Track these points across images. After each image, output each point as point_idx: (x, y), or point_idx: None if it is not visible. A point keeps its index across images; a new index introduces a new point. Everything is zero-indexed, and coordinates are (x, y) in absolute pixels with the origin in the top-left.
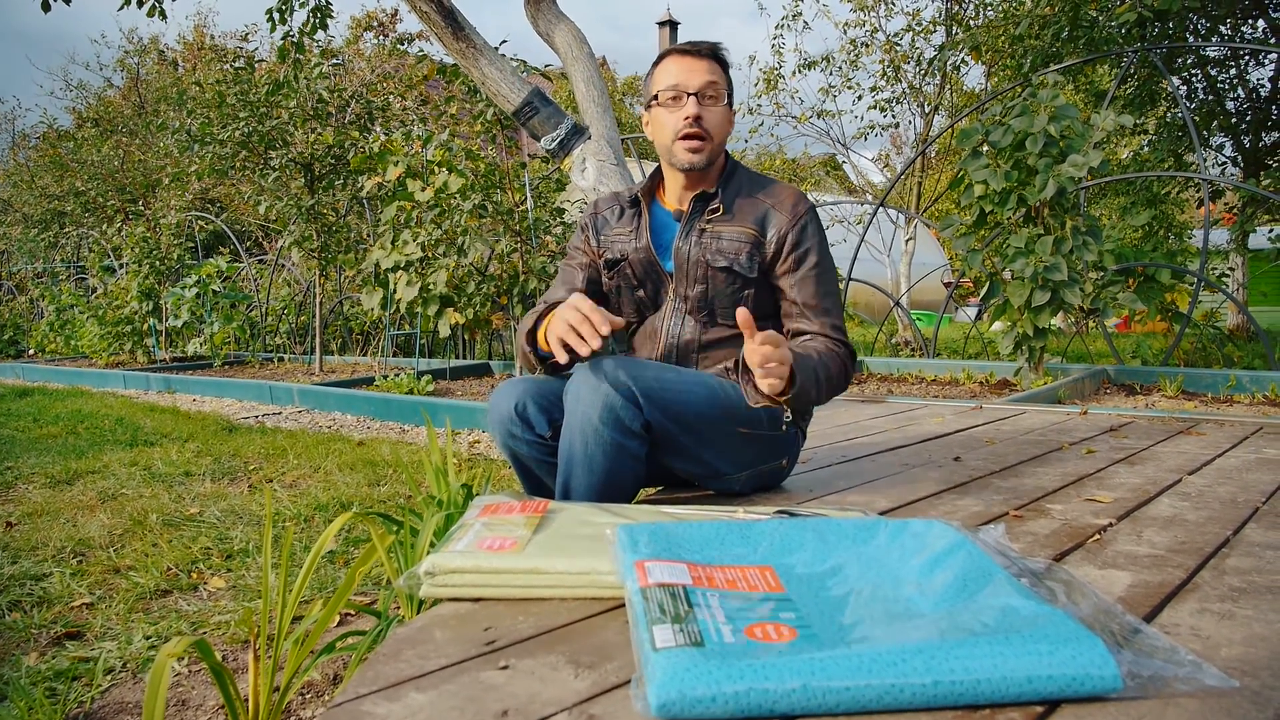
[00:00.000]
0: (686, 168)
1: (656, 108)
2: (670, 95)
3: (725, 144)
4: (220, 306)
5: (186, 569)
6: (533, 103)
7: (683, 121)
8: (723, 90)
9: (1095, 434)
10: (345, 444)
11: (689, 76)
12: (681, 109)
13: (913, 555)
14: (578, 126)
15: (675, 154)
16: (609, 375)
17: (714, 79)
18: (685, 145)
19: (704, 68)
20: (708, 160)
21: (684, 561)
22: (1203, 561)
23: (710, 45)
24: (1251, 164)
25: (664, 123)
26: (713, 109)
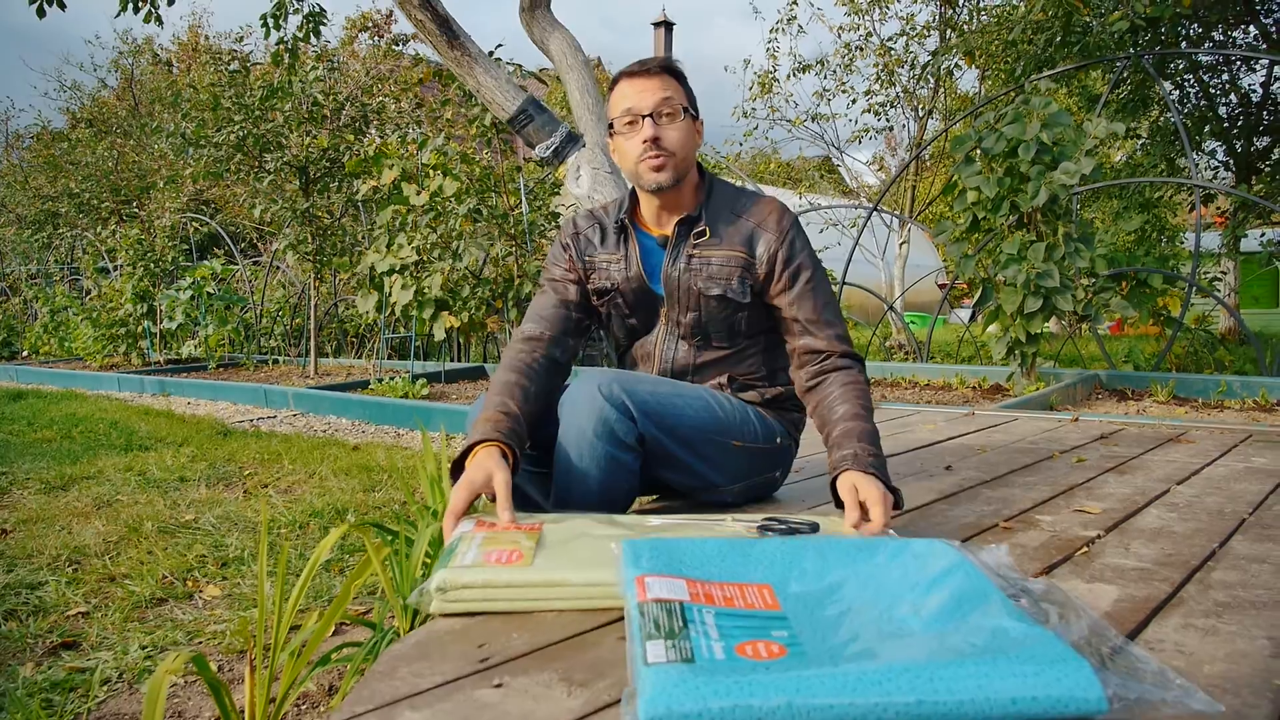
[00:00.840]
0: (654, 188)
1: (617, 136)
2: (626, 121)
3: (693, 159)
4: (215, 309)
5: (182, 577)
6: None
7: (641, 145)
8: (679, 105)
9: (1086, 442)
10: (340, 449)
11: (640, 98)
12: (639, 133)
13: (911, 575)
14: (572, 134)
15: (641, 176)
16: (603, 388)
17: (667, 94)
18: (648, 165)
19: (655, 85)
20: (674, 177)
21: (684, 578)
22: (1188, 575)
23: (659, 61)
24: (1243, 168)
25: (625, 149)
26: (671, 126)
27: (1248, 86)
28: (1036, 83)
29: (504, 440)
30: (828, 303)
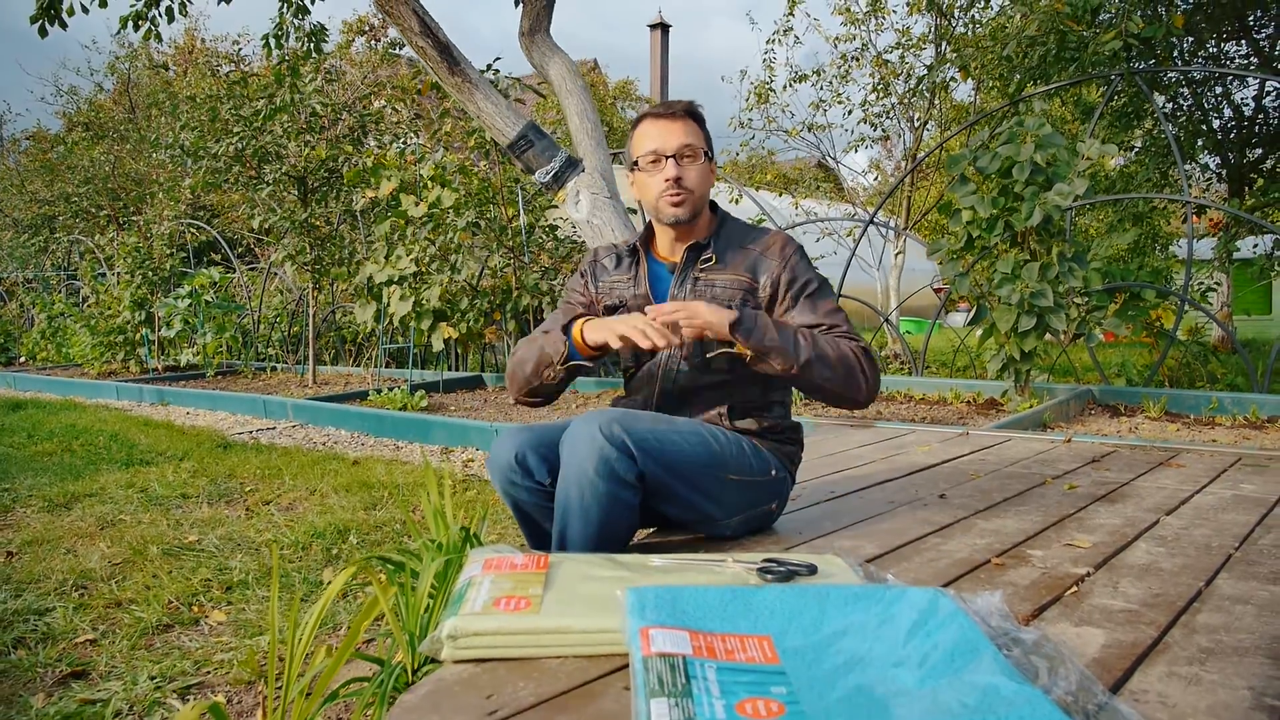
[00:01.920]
0: (672, 220)
1: (639, 172)
2: (650, 160)
3: (708, 196)
4: (213, 317)
5: (188, 602)
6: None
7: (664, 183)
8: (699, 149)
9: (1078, 465)
10: (340, 463)
11: (665, 140)
12: (661, 171)
13: (906, 627)
14: (571, 159)
15: (660, 210)
16: (604, 428)
17: (689, 140)
18: (668, 200)
19: (679, 129)
20: (691, 212)
21: (687, 629)
22: (1174, 618)
23: (684, 105)
24: (1236, 180)
25: (647, 185)
26: (691, 168)
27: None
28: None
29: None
30: (833, 310)
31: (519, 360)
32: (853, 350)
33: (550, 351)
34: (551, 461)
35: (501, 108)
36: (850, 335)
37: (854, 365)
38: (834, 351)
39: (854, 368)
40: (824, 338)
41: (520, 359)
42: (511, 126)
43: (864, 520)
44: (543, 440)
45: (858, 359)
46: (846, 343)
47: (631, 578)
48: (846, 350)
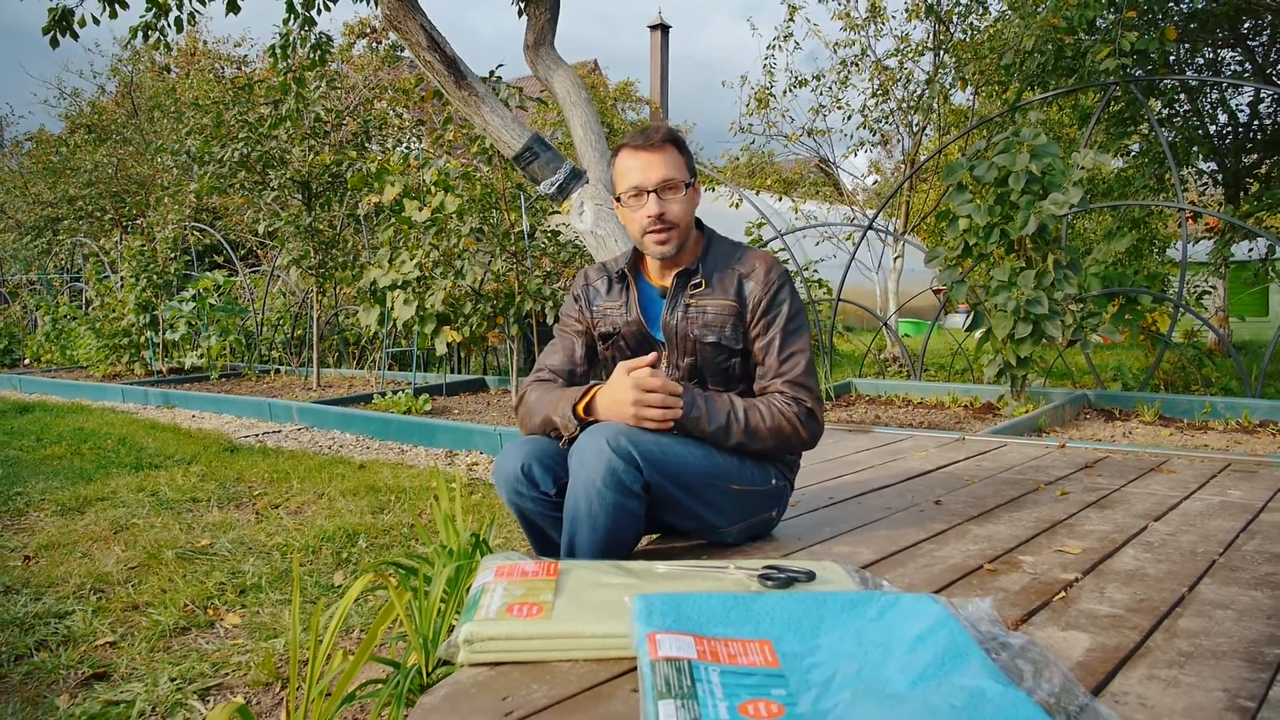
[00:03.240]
0: (659, 256)
1: (624, 206)
2: (631, 195)
3: (692, 224)
4: (217, 320)
5: (203, 605)
6: (533, 148)
7: (646, 219)
8: (681, 181)
9: (1071, 471)
10: (347, 467)
11: (646, 174)
12: (643, 207)
13: (899, 632)
14: (576, 171)
15: (646, 246)
16: (611, 441)
17: (670, 174)
18: (653, 239)
19: (659, 162)
20: (676, 247)
21: (692, 634)
22: (1156, 622)
23: (662, 134)
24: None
25: (630, 219)
26: (673, 201)
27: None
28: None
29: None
30: (795, 352)
31: (529, 409)
32: (787, 419)
33: (559, 421)
34: (555, 472)
35: (507, 120)
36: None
37: (787, 433)
38: (768, 424)
39: (786, 435)
40: (760, 409)
41: (530, 408)
42: (517, 139)
43: (862, 526)
44: (548, 452)
45: (793, 425)
46: (783, 409)
47: (638, 584)
48: (781, 422)
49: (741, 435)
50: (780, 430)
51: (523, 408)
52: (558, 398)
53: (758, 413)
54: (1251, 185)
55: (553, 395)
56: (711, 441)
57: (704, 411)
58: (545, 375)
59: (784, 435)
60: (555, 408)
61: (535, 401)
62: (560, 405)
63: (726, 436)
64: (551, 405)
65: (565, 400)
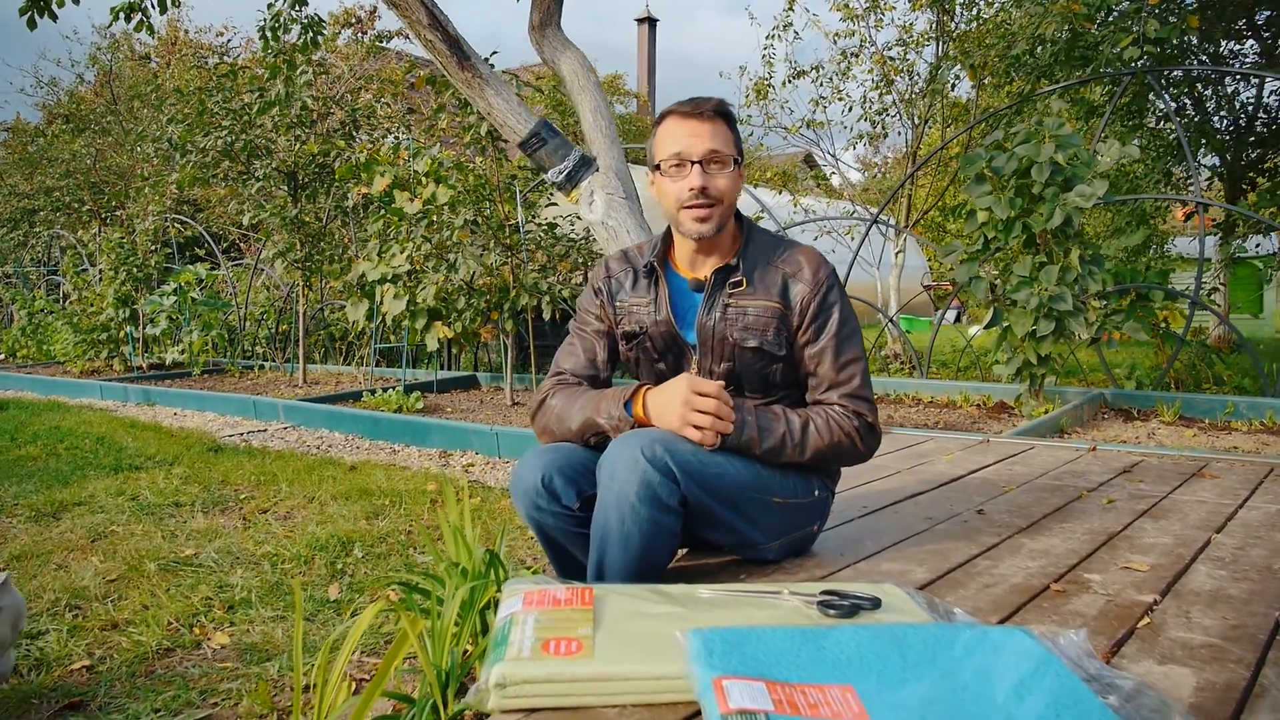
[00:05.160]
0: (695, 236)
1: (660, 175)
2: (673, 164)
3: (734, 205)
4: (199, 314)
5: (188, 623)
6: (540, 134)
7: (687, 192)
8: (729, 155)
9: (1110, 476)
10: (337, 469)
11: (692, 143)
12: (685, 179)
13: (999, 677)
14: (585, 158)
15: (682, 223)
16: (645, 451)
17: (718, 146)
18: (691, 215)
19: (707, 132)
20: (717, 227)
21: (763, 679)
22: (1261, 654)
23: (714, 104)
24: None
25: (668, 191)
26: (719, 175)
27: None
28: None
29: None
30: (850, 361)
31: (556, 415)
32: (847, 434)
33: (605, 423)
34: (579, 485)
35: (513, 104)
36: (856, 398)
37: (845, 448)
38: (826, 441)
39: (845, 451)
40: (817, 425)
41: (559, 415)
42: (524, 124)
43: (905, 540)
44: (570, 462)
45: (851, 440)
46: (841, 424)
47: (685, 614)
48: (840, 438)
49: (796, 455)
50: (839, 447)
51: (545, 414)
52: (599, 399)
53: (815, 430)
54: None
55: (587, 397)
56: (762, 460)
57: (756, 431)
58: (568, 378)
59: (842, 451)
60: (599, 409)
61: (563, 406)
62: (605, 405)
63: (780, 456)
64: (593, 407)
65: (611, 399)
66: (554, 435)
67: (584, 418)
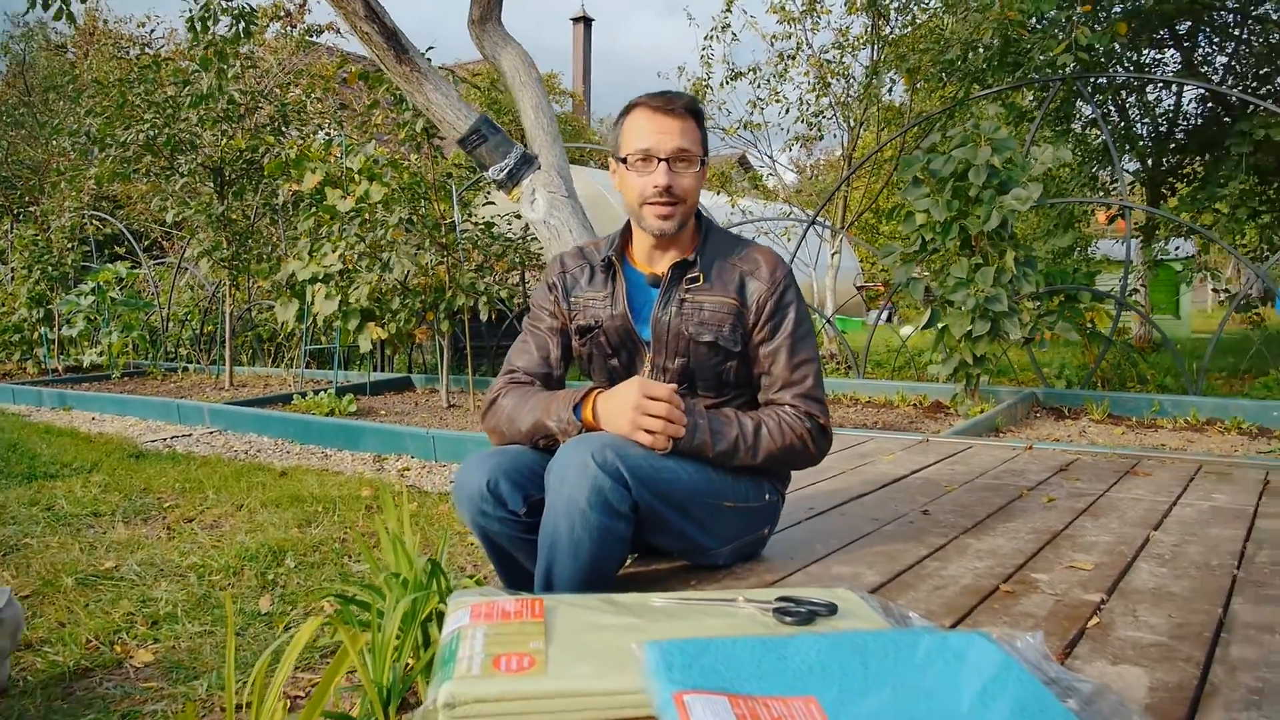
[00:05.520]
0: (657, 232)
1: (625, 169)
2: (639, 159)
3: (696, 204)
4: (119, 315)
5: (109, 640)
6: (480, 130)
7: (651, 189)
8: (696, 155)
9: (1048, 475)
10: (267, 474)
11: (660, 140)
12: (651, 175)
13: (961, 685)
14: (527, 155)
15: (644, 218)
16: (596, 455)
17: (687, 145)
18: (654, 211)
19: (677, 129)
20: (678, 225)
21: (724, 693)
22: (1209, 652)
23: (685, 101)
24: (1154, 184)
25: (632, 185)
26: (685, 174)
27: (1168, 106)
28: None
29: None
30: (803, 361)
31: (507, 415)
32: (799, 436)
33: (554, 426)
34: (526, 489)
35: (453, 99)
36: (809, 399)
37: (797, 450)
38: (779, 444)
39: (797, 453)
40: (769, 428)
41: (509, 415)
42: (463, 120)
43: (854, 542)
44: (516, 466)
45: (804, 442)
46: (794, 425)
47: (640, 625)
48: (793, 439)
49: (748, 458)
50: (791, 449)
51: (495, 414)
52: (548, 400)
53: (767, 432)
54: (1177, 186)
55: (538, 399)
56: (714, 464)
57: (708, 435)
58: (520, 377)
59: (794, 453)
60: (549, 411)
61: (514, 407)
62: (555, 407)
63: (732, 459)
64: (543, 409)
65: (561, 402)
66: (504, 436)
67: (533, 419)
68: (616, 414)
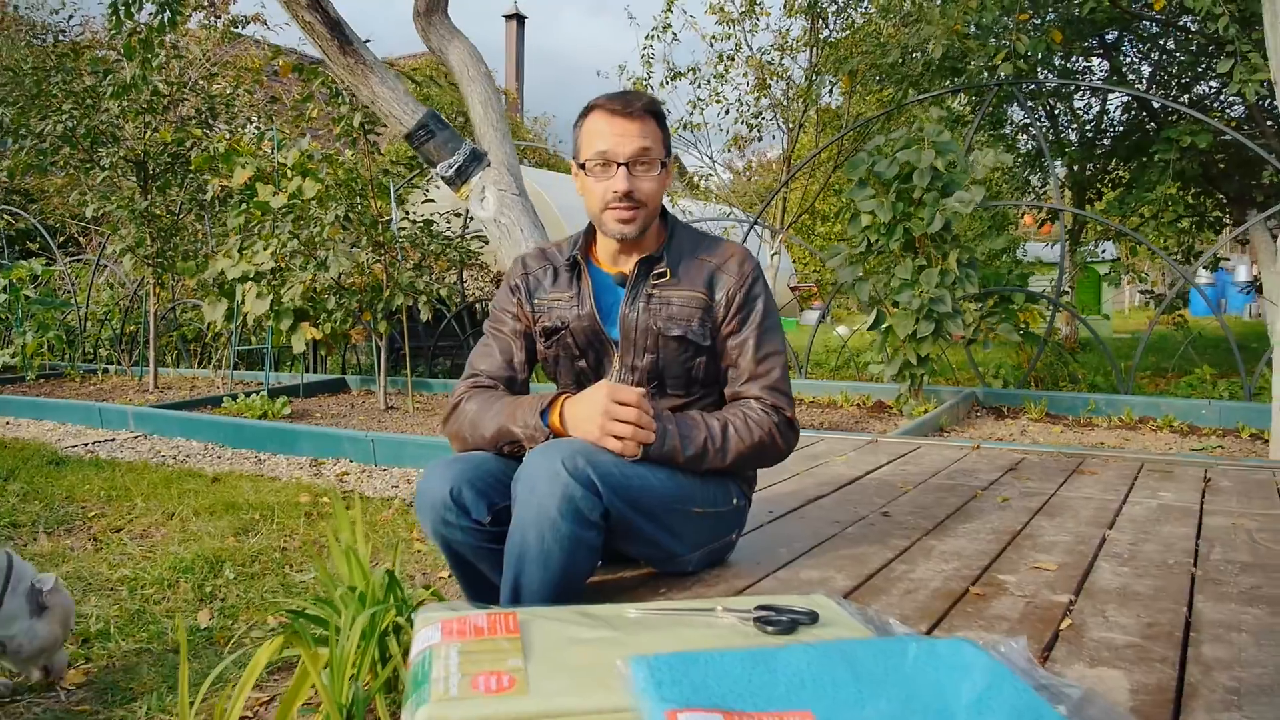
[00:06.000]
0: (619, 237)
1: (586, 174)
2: (598, 163)
3: (659, 207)
4: (34, 314)
5: None
6: (428, 125)
7: (611, 194)
8: (657, 156)
9: (998, 474)
10: (198, 480)
11: (619, 143)
12: (610, 179)
13: (955, 691)
14: (476, 152)
15: (605, 223)
16: (567, 463)
17: (646, 144)
18: (615, 215)
19: (635, 131)
20: (640, 229)
21: (717, 709)
22: (1182, 654)
23: (644, 101)
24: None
25: (592, 190)
26: (645, 177)
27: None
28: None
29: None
30: (770, 354)
31: (471, 421)
32: (766, 431)
33: (520, 432)
34: (490, 497)
35: (399, 93)
36: (775, 391)
37: (765, 446)
38: (747, 443)
39: (765, 449)
40: (736, 426)
41: (472, 421)
42: (410, 114)
43: (818, 545)
44: (480, 473)
45: (771, 437)
46: (760, 421)
47: (620, 638)
48: (761, 436)
49: (718, 460)
50: (760, 445)
51: (458, 419)
52: (514, 406)
53: (734, 431)
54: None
55: (503, 404)
56: (685, 469)
57: (678, 440)
58: (483, 380)
59: (763, 450)
60: (514, 416)
61: (478, 412)
62: (521, 413)
63: (702, 463)
64: (508, 414)
65: (527, 408)
66: (466, 442)
67: (498, 425)
68: (585, 419)
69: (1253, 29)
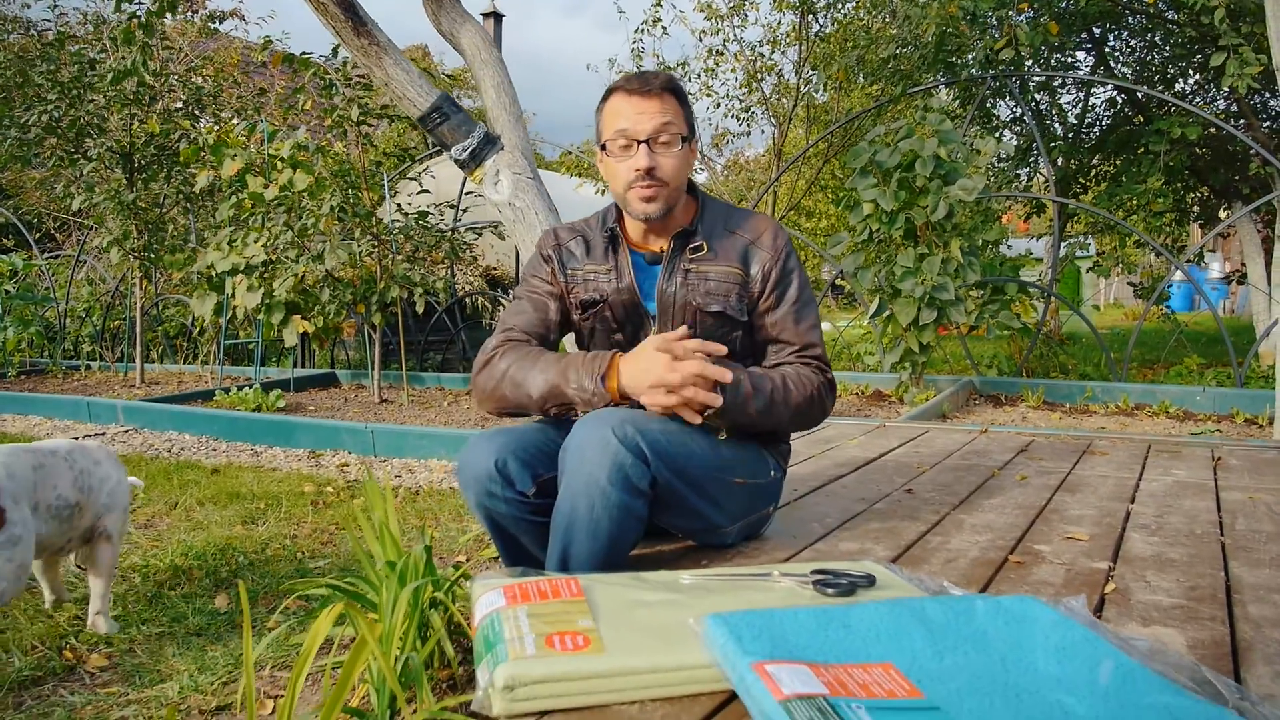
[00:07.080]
0: (643, 217)
1: (607, 156)
2: (620, 143)
3: (685, 183)
4: (14, 309)
5: (55, 646)
6: (442, 108)
7: (633, 173)
8: (677, 133)
9: (1010, 455)
10: (197, 472)
11: (638, 121)
12: (632, 158)
13: (1030, 644)
14: (490, 136)
15: (629, 204)
16: (617, 431)
17: (666, 120)
18: (638, 194)
19: (655, 108)
20: (664, 208)
21: (803, 662)
22: (1229, 613)
23: (662, 79)
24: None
25: (615, 172)
26: (667, 155)
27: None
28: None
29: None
30: (812, 326)
31: (510, 379)
32: (818, 390)
33: (574, 394)
34: (534, 469)
35: (413, 76)
36: (819, 360)
37: (815, 405)
38: (804, 398)
39: (814, 409)
40: (793, 381)
41: (513, 378)
42: (424, 97)
43: (849, 520)
44: (524, 444)
45: (820, 398)
46: (811, 379)
47: (682, 600)
48: (814, 393)
49: (782, 412)
50: (810, 402)
51: (492, 374)
52: (564, 364)
53: (793, 386)
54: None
55: (547, 359)
56: (749, 426)
57: (749, 386)
58: (516, 335)
59: (810, 408)
60: (565, 377)
61: (515, 368)
62: (574, 374)
63: (769, 415)
64: (558, 372)
65: (580, 369)
66: (505, 400)
67: (547, 383)
68: (646, 376)
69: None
